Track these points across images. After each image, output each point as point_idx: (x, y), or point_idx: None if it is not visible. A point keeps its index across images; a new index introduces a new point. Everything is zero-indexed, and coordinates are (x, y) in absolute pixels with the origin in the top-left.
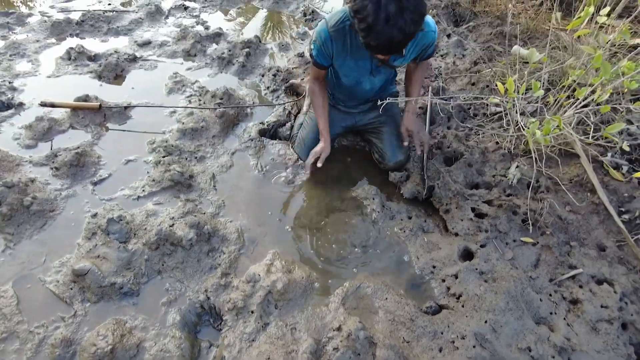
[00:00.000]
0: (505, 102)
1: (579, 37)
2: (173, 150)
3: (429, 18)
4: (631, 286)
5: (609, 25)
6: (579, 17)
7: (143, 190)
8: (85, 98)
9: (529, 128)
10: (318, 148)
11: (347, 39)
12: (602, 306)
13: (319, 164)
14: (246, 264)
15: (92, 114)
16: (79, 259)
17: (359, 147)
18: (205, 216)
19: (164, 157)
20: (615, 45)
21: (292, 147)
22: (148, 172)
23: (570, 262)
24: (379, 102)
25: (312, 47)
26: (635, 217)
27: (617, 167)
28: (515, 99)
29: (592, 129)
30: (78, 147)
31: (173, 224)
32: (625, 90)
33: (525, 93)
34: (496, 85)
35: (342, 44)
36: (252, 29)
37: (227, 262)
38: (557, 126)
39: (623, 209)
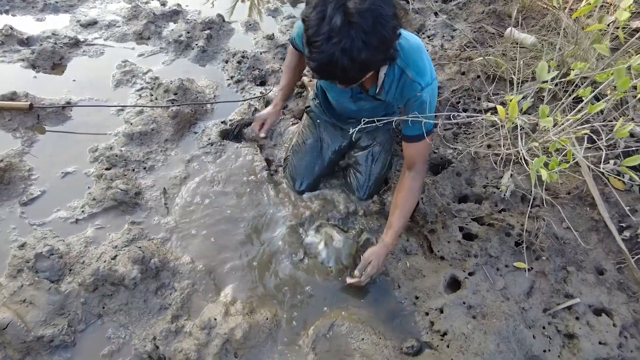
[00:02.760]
0: (505, 124)
1: (576, 18)
2: (117, 160)
3: (427, 67)
4: (631, 317)
5: (610, 4)
6: (589, 3)
7: (82, 212)
8: (12, 96)
9: (531, 160)
10: (264, 113)
11: None
12: (600, 343)
13: (262, 134)
14: (201, 302)
15: (21, 115)
16: None
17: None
18: (153, 244)
19: (107, 169)
20: (618, 28)
21: (283, 170)
22: (89, 188)
23: (566, 290)
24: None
25: (293, 33)
26: (637, 234)
27: (618, 174)
28: (517, 122)
29: (604, 156)
30: (2, 160)
31: (116, 256)
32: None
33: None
34: (490, 74)
35: None
36: (216, 5)
37: (179, 302)
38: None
39: (624, 224)
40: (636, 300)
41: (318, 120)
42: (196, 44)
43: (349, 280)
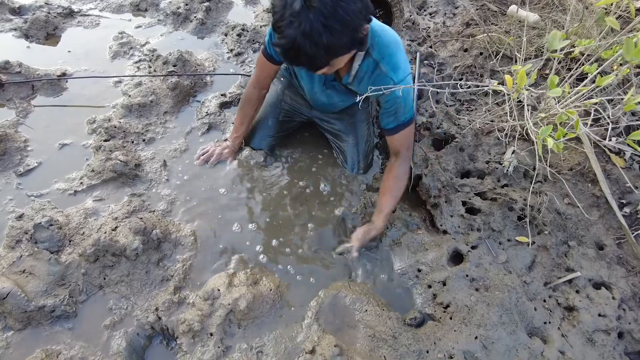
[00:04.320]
0: (511, 93)
1: None
2: (116, 132)
3: (401, 63)
4: (630, 290)
5: None
6: None
7: (81, 183)
8: (5, 65)
9: (537, 131)
10: (218, 150)
11: None
12: (599, 315)
13: (208, 165)
14: (204, 274)
15: (16, 85)
16: None
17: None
18: (154, 216)
19: (105, 141)
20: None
21: None
22: (87, 160)
23: (567, 264)
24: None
25: (265, 39)
26: (637, 210)
27: (619, 153)
28: (524, 92)
29: (610, 129)
30: None
31: (116, 227)
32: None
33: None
34: (493, 51)
35: None
36: None
37: (181, 273)
38: (566, 120)
39: (624, 201)
40: (635, 274)
41: (281, 77)
42: (195, 17)
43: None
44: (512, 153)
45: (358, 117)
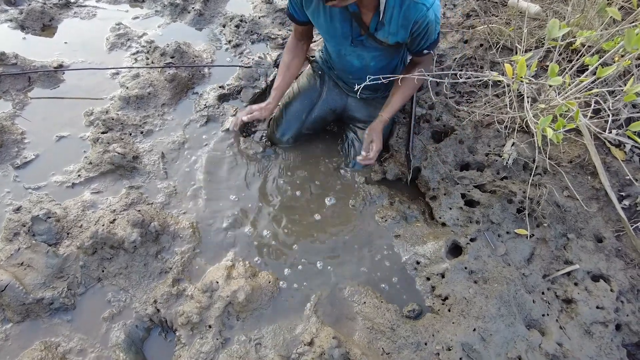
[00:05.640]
0: (512, 83)
1: None
2: (114, 124)
3: None
4: (628, 283)
5: None
6: None
7: (79, 176)
8: (1, 56)
9: (537, 122)
10: (256, 107)
11: None
12: (597, 307)
13: (245, 118)
14: (202, 266)
15: (12, 77)
16: None
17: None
18: (153, 208)
19: (103, 133)
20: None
21: (268, 124)
22: (85, 152)
23: (566, 257)
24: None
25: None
26: (636, 203)
27: (619, 145)
28: (524, 82)
29: (610, 121)
30: None
31: (114, 219)
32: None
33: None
34: (493, 42)
35: None
36: None
37: (180, 266)
38: (566, 111)
39: (623, 194)
40: (634, 266)
41: (320, 72)
42: (192, 8)
43: (359, 159)
44: (512, 145)
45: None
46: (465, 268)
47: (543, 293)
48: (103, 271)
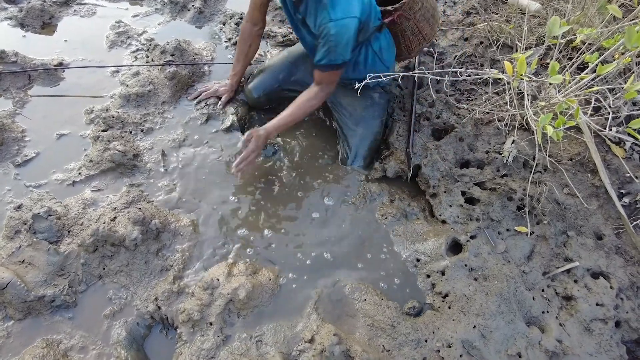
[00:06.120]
0: (512, 81)
1: None
2: (114, 122)
3: (343, 5)
4: (628, 280)
5: None
6: None
7: (79, 174)
8: (1, 54)
9: (537, 119)
10: (217, 87)
11: None
12: (597, 304)
13: (219, 105)
14: (203, 264)
15: (12, 75)
16: None
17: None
18: (153, 206)
19: (103, 131)
20: None
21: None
22: (85, 150)
23: (566, 254)
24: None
25: None
26: (636, 200)
27: (619, 143)
28: (525, 79)
29: (610, 119)
30: None
31: (115, 217)
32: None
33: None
34: (496, 42)
35: None
36: None
37: (181, 263)
38: (566, 109)
39: (623, 191)
40: (633, 264)
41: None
42: (192, 5)
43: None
44: (512, 143)
45: (373, 113)
46: (466, 265)
47: (543, 290)
48: (104, 269)
